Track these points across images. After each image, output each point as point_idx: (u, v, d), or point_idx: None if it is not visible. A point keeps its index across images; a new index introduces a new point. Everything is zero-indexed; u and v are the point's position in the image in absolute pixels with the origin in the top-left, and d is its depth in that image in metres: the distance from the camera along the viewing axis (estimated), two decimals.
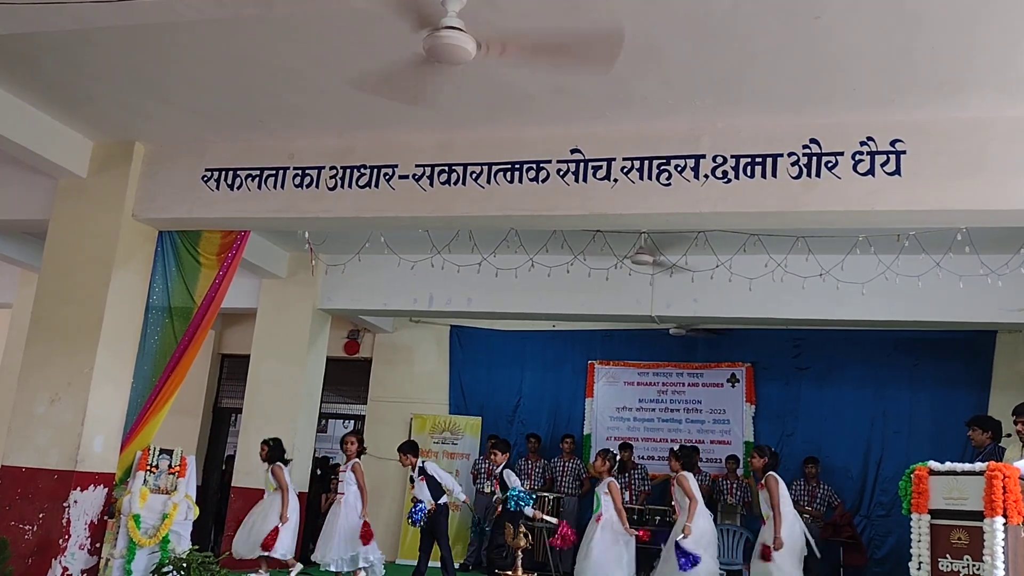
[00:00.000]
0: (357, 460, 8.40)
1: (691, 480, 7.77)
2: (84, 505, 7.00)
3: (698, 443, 10.64)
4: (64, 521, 6.85)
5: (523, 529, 6.13)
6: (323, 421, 13.66)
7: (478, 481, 10.60)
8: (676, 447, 8.56)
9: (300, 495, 9.28)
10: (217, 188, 7.29)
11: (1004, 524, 4.66)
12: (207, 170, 7.34)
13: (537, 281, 8.65)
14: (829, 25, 4.91)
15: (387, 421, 11.57)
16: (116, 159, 7.47)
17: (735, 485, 9.99)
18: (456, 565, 9.85)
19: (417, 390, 11.71)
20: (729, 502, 9.79)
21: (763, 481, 7.63)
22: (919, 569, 5.02)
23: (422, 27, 4.85)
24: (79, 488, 6.97)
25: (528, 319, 10.68)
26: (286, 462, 8.47)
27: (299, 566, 8.35)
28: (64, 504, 6.86)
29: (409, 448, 8.25)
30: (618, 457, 8.57)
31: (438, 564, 8.19)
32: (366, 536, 8.16)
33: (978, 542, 4.73)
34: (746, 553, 9.14)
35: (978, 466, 4.93)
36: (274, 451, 8.45)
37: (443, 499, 8.02)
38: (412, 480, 8.13)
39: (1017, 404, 5.98)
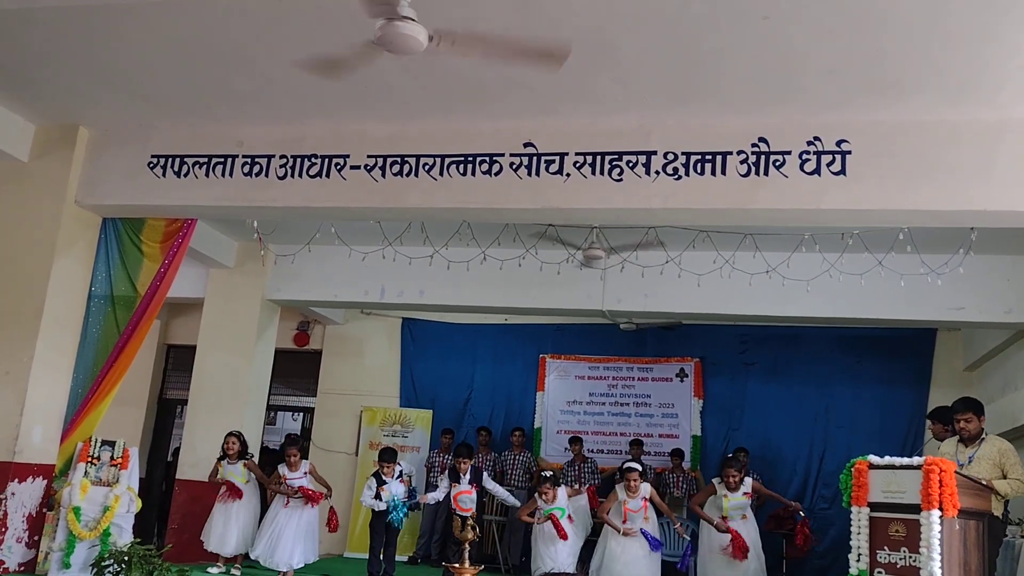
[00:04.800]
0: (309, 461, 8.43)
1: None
2: (22, 497, 6.86)
3: (646, 437, 10.75)
4: (1, 513, 6.70)
5: (471, 522, 6.13)
6: (272, 413, 13.49)
7: (431, 474, 10.57)
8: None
9: None
10: (163, 175, 7.17)
11: (940, 517, 4.77)
12: (153, 156, 7.22)
13: (489, 274, 8.64)
14: (777, 26, 4.99)
15: (337, 414, 11.48)
16: (59, 143, 7.32)
17: (681, 478, 10.10)
18: (405, 558, 9.88)
19: (368, 383, 11.62)
20: (675, 495, 9.90)
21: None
22: (858, 561, 5.12)
23: (374, 16, 4.80)
24: (17, 480, 6.82)
25: (480, 312, 10.64)
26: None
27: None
28: (1, 496, 6.71)
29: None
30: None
31: (365, 556, 8.24)
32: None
33: (915, 534, 4.84)
34: (692, 545, 9.25)
35: (916, 460, 5.05)
36: (244, 445, 8.49)
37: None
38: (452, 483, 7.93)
39: (955, 400, 6.11)
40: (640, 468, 7.97)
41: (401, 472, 8.04)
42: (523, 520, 8.14)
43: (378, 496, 7.79)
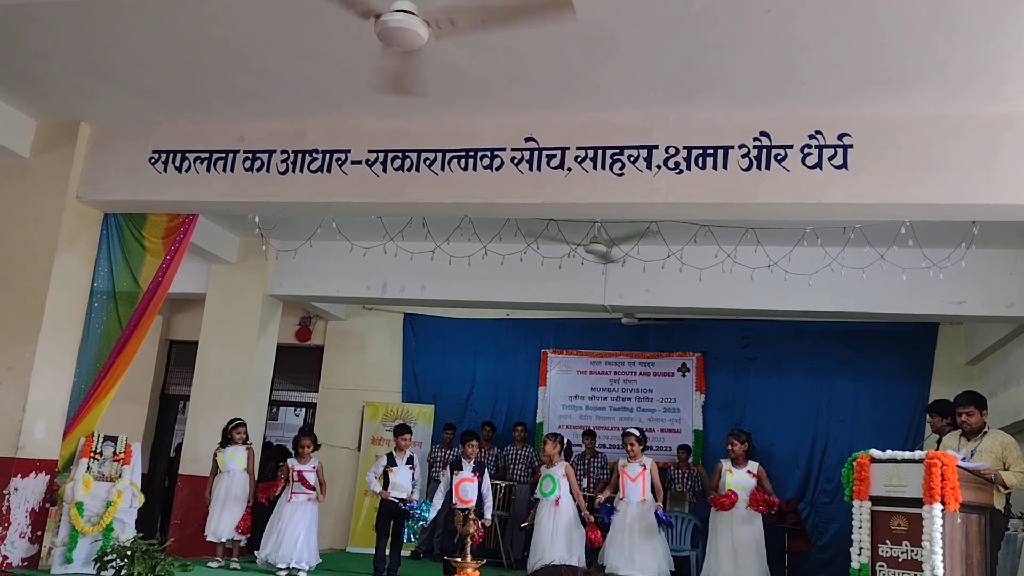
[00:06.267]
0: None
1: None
2: (25, 492, 6.87)
3: (648, 431, 10.73)
4: (4, 509, 6.72)
5: (472, 516, 6.13)
6: (274, 409, 13.52)
7: (433, 469, 10.60)
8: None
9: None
10: (165, 170, 7.17)
11: (942, 511, 4.78)
12: (155, 152, 7.21)
13: (490, 269, 8.64)
14: (779, 19, 4.97)
15: (339, 409, 11.49)
16: (60, 139, 7.32)
17: (685, 473, 10.11)
18: (407, 553, 9.89)
19: (370, 378, 11.64)
20: (678, 489, 9.91)
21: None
22: (860, 554, 5.13)
23: (373, 10, 4.79)
24: (19, 475, 6.84)
25: (481, 307, 10.67)
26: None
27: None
28: (4, 491, 6.73)
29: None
30: (568, 441, 8.61)
31: (369, 551, 8.27)
32: None
33: (917, 528, 4.85)
34: (694, 540, 9.28)
35: (918, 454, 5.05)
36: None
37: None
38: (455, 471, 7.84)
39: (957, 394, 6.11)
40: (638, 433, 8.08)
41: (412, 457, 8.05)
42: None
43: (385, 477, 7.78)
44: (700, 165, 6.21)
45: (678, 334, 10.99)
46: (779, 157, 6.08)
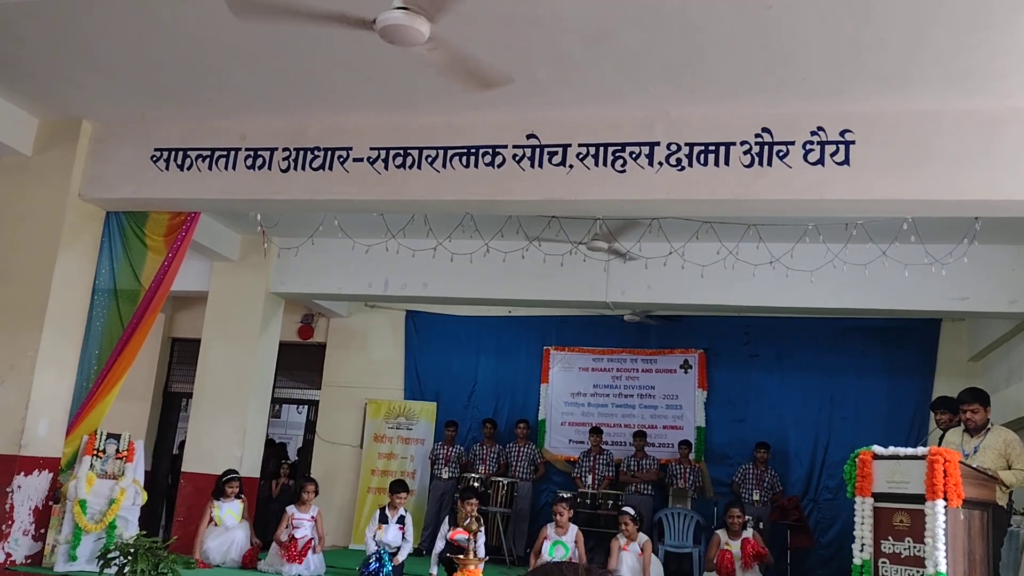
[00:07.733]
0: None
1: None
2: (28, 490, 6.88)
3: (651, 428, 10.77)
4: (7, 507, 6.72)
5: (476, 514, 6.15)
6: (276, 406, 13.53)
7: (435, 467, 10.62)
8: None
9: (251, 480, 9.22)
10: (166, 168, 7.17)
11: (944, 507, 4.77)
12: (156, 150, 7.21)
13: (492, 266, 8.64)
14: (780, 15, 4.96)
15: (341, 406, 11.51)
16: (62, 137, 7.31)
17: (687, 470, 10.11)
18: (409, 550, 9.89)
19: (372, 375, 11.65)
20: (680, 486, 9.91)
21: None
22: (862, 551, 5.13)
23: (374, 8, 4.79)
24: (23, 473, 6.84)
25: (483, 304, 10.67)
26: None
27: None
28: (7, 489, 6.73)
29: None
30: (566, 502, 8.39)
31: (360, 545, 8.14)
32: None
33: (919, 524, 4.84)
34: (696, 535, 9.29)
35: (920, 450, 5.05)
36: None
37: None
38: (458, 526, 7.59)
39: (961, 391, 6.10)
40: (632, 512, 7.89)
41: (403, 516, 8.01)
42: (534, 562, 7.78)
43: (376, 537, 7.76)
44: (702, 162, 6.20)
45: (680, 331, 10.98)
46: (781, 153, 6.07)
